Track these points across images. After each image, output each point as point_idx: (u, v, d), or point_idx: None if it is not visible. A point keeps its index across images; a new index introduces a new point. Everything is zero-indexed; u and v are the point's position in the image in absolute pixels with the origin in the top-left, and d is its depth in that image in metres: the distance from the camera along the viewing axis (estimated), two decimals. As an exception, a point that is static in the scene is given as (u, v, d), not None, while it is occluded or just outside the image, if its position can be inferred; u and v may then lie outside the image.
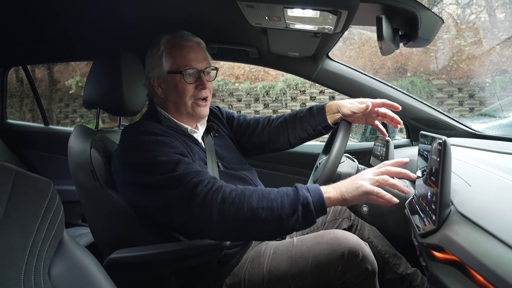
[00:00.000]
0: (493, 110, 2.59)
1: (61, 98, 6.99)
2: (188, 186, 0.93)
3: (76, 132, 1.24)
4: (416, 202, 0.94)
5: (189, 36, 1.19)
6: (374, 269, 1.05)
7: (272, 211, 0.88)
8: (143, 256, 1.09)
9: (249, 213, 0.89)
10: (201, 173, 0.98)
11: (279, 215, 0.88)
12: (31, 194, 0.71)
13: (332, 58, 1.76)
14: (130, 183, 1.04)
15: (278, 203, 0.89)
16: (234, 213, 0.89)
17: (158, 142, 1.03)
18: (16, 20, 1.45)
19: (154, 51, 1.18)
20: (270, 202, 0.89)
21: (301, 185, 0.93)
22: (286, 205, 0.88)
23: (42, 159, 2.29)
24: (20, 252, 0.66)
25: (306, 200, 0.88)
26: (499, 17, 5.48)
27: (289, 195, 0.90)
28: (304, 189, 0.91)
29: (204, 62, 1.18)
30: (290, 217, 0.88)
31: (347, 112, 1.21)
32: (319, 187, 0.92)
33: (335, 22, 1.08)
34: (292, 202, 0.89)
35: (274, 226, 0.90)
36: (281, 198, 0.90)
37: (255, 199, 0.90)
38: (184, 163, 0.99)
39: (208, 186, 0.93)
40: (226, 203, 0.90)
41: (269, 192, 0.92)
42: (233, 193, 0.91)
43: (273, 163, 2.07)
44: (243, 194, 0.91)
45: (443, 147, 0.71)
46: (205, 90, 1.17)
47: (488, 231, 0.60)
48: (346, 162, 1.28)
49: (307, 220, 0.89)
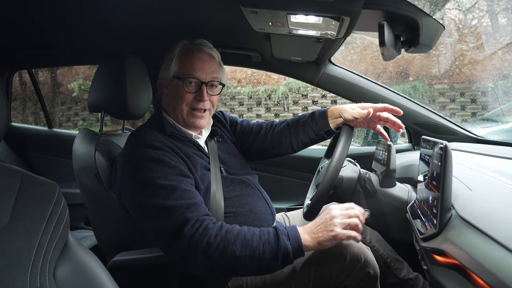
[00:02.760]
0: (495, 115, 2.59)
1: (63, 101, 7.01)
2: (177, 222, 0.95)
3: (80, 135, 1.25)
4: (417, 206, 0.95)
5: (204, 46, 1.19)
6: (376, 274, 1.05)
7: (254, 259, 0.93)
8: (146, 259, 1.09)
9: (232, 260, 0.93)
10: (193, 207, 0.99)
11: (260, 262, 0.94)
12: (37, 197, 0.72)
13: (334, 62, 1.77)
14: (125, 194, 1.06)
15: (260, 252, 0.93)
16: (218, 258, 0.93)
17: (158, 160, 1.03)
18: (21, 24, 1.47)
19: (169, 53, 1.20)
20: (252, 250, 0.93)
21: (281, 231, 0.97)
22: (267, 253, 0.93)
23: (46, 162, 2.30)
24: (26, 254, 0.67)
25: (286, 250, 0.94)
26: (501, 22, 5.49)
27: (271, 243, 0.94)
28: (285, 237, 0.96)
29: (210, 75, 1.18)
30: (270, 263, 0.94)
31: (349, 117, 1.22)
32: (298, 234, 0.97)
33: (337, 28, 1.09)
34: (273, 250, 0.94)
35: (253, 270, 0.97)
36: (263, 246, 0.94)
37: (239, 247, 0.93)
38: (180, 191, 0.99)
39: (195, 226, 0.95)
40: (211, 248, 0.93)
41: (252, 238, 0.95)
42: (218, 238, 0.94)
43: (276, 167, 2.07)
44: (227, 240, 0.94)
45: (444, 152, 0.72)
46: (203, 103, 1.18)
47: (489, 235, 0.60)
48: (348, 166, 1.29)
49: (285, 264, 0.96)
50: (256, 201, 1.21)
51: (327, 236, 0.96)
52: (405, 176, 1.31)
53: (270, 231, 0.97)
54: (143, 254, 1.10)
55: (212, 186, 1.13)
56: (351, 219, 0.99)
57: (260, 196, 1.25)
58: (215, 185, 1.14)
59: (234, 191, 1.19)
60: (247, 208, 1.17)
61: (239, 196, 1.19)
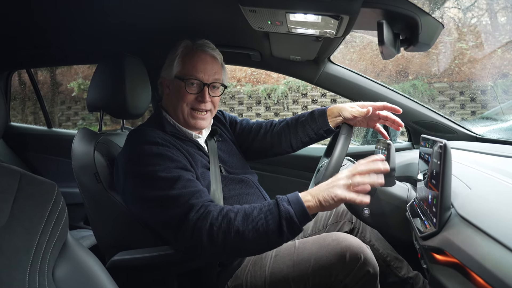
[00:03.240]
0: (494, 113, 2.58)
1: (63, 100, 7.00)
2: (182, 209, 0.95)
3: (79, 135, 1.25)
4: (417, 205, 0.94)
5: (207, 47, 1.19)
6: (376, 272, 1.05)
7: (258, 231, 0.91)
8: (145, 258, 1.09)
9: (236, 237, 0.91)
10: (197, 194, 0.99)
11: (266, 234, 0.91)
12: (36, 196, 0.72)
13: (334, 61, 1.77)
14: (129, 192, 1.06)
15: (263, 222, 0.91)
16: (223, 238, 0.92)
17: (160, 155, 1.03)
18: (20, 24, 1.47)
19: (171, 52, 1.20)
20: (254, 222, 0.91)
21: (282, 198, 0.94)
22: (270, 223, 0.91)
23: (45, 162, 2.29)
24: (25, 254, 0.67)
25: (288, 214, 0.90)
26: (501, 20, 5.48)
27: (272, 212, 0.92)
28: (285, 202, 0.93)
29: (212, 76, 1.18)
30: (276, 233, 0.91)
31: (348, 116, 1.22)
32: (299, 197, 0.93)
33: (336, 27, 1.09)
34: (275, 218, 0.91)
35: (263, 244, 0.94)
36: (265, 216, 0.92)
37: (240, 222, 0.91)
38: (183, 181, 1.00)
39: (200, 212, 0.94)
40: (214, 228, 0.92)
41: (252, 211, 0.93)
42: (219, 217, 0.93)
43: (275, 166, 2.07)
44: (228, 218, 0.92)
45: (444, 150, 0.72)
46: (205, 104, 1.18)
47: (488, 234, 0.60)
48: (347, 165, 1.28)
49: (293, 232, 0.92)
50: (255, 200, 1.21)
51: (328, 196, 0.90)
52: (404, 175, 1.31)
53: (271, 201, 0.95)
54: (142, 254, 1.10)
55: (211, 185, 1.13)
56: (354, 179, 0.89)
57: (260, 195, 1.25)
58: (215, 184, 1.14)
59: (233, 190, 1.19)
60: (246, 207, 1.17)
61: (238, 195, 1.19)
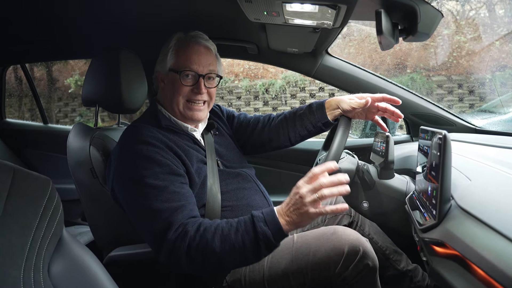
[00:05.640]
0: (493, 106, 2.58)
1: (60, 97, 6.98)
2: (161, 226, 0.95)
3: (75, 130, 1.23)
4: (416, 198, 0.94)
5: (200, 38, 1.18)
6: (375, 265, 1.05)
7: (235, 252, 0.90)
8: (142, 253, 1.09)
9: (215, 258, 0.91)
10: (179, 209, 0.97)
11: (243, 254, 0.91)
12: (30, 192, 0.71)
13: (332, 54, 1.75)
14: (118, 190, 1.06)
15: (240, 244, 0.90)
16: (201, 259, 0.91)
17: (149, 158, 1.02)
18: (14, 18, 1.45)
19: (165, 46, 1.19)
20: (231, 244, 0.90)
21: (258, 217, 0.92)
22: (247, 244, 0.90)
23: (41, 158, 2.28)
24: (19, 250, 0.65)
25: (265, 236, 0.89)
26: (499, 12, 5.47)
27: (249, 233, 0.91)
28: (262, 223, 0.91)
29: (207, 67, 1.17)
30: (253, 253, 0.91)
31: (347, 107, 1.20)
32: (275, 216, 0.91)
33: (334, 17, 1.07)
34: (252, 240, 0.90)
35: (241, 263, 0.97)
36: (242, 237, 0.90)
37: (217, 243, 0.90)
38: (168, 192, 0.98)
39: (178, 231, 0.93)
40: (191, 250, 0.91)
41: (229, 232, 0.92)
42: (196, 238, 0.92)
43: (273, 160, 2.06)
44: (205, 239, 0.91)
45: (444, 141, 0.71)
46: (201, 95, 1.17)
47: (488, 225, 0.59)
48: (346, 158, 1.27)
49: (270, 249, 0.92)
50: (253, 195, 1.20)
51: (302, 218, 0.89)
52: (403, 168, 1.30)
53: (247, 220, 0.93)
54: (140, 249, 1.09)
55: (208, 179, 1.12)
56: (319, 192, 0.87)
57: (257, 190, 1.24)
58: (212, 178, 1.13)
59: (231, 185, 1.18)
60: (244, 201, 1.16)
61: (236, 189, 1.18)
